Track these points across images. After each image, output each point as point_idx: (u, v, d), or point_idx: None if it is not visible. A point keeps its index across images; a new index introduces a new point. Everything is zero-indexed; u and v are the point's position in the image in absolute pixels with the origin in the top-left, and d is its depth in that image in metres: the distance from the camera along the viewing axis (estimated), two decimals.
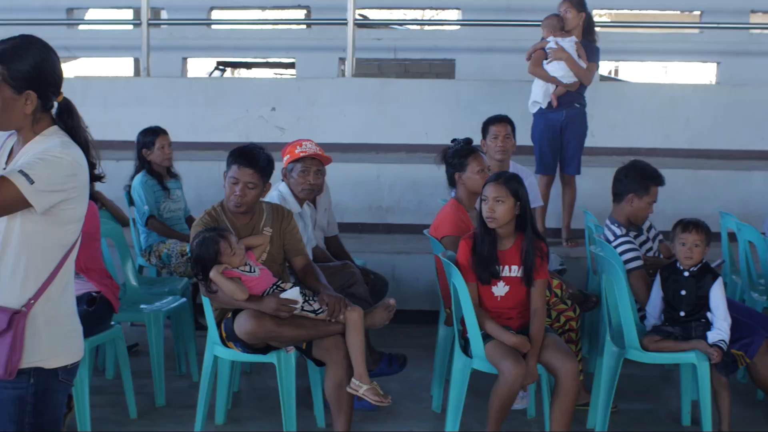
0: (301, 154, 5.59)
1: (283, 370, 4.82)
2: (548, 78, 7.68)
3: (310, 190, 5.63)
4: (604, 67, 16.97)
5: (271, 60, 17.32)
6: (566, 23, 7.77)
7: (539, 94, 7.76)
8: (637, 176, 5.53)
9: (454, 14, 15.57)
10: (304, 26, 14.35)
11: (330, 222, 6.18)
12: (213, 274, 4.62)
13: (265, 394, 5.75)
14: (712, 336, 4.93)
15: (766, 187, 8.32)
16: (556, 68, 7.69)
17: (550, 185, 7.81)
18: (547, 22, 7.76)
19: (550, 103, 7.71)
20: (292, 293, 4.68)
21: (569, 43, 7.69)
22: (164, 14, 14.34)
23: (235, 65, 18.63)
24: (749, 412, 5.53)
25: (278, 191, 5.62)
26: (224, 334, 4.86)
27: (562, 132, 7.76)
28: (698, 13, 13.82)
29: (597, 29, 7.84)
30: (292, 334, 4.70)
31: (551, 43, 7.69)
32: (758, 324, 5.20)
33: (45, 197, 2.82)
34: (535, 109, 7.80)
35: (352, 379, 4.68)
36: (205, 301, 4.86)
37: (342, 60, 12.68)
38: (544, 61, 7.70)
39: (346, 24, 9.83)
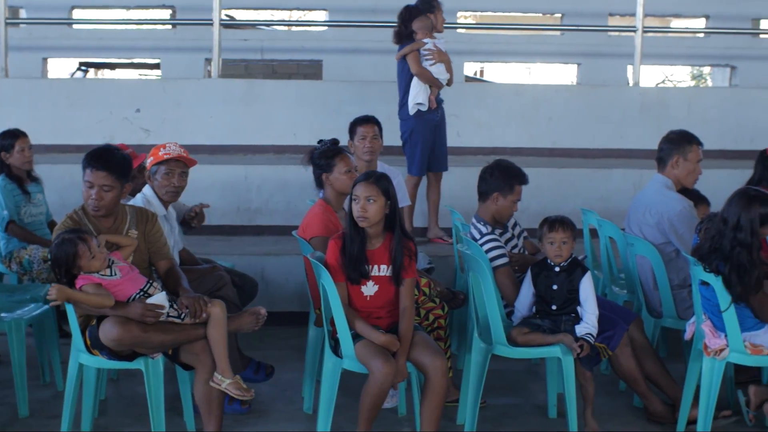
0: (165, 156, 5.51)
1: (150, 376, 4.73)
2: (431, 79, 7.72)
3: (174, 193, 5.55)
4: (470, 69, 17.25)
5: (135, 61, 17.02)
6: (436, 24, 7.85)
7: (422, 95, 7.72)
8: (502, 175, 5.63)
9: (321, 15, 15.58)
10: (170, 26, 14.14)
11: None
12: (69, 295, 4.51)
13: (133, 401, 5.63)
14: (580, 329, 5.06)
15: (625, 184, 8.57)
16: (440, 70, 7.76)
17: (419, 185, 7.88)
18: (424, 23, 7.74)
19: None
20: (159, 298, 4.60)
21: (443, 44, 7.78)
22: (23, 13, 13.94)
23: (99, 66, 18.26)
24: (612, 402, 5.70)
25: (143, 194, 5.53)
26: (89, 342, 4.74)
27: (435, 131, 7.83)
28: (559, 15, 14.18)
29: (462, 31, 7.92)
30: (159, 340, 4.63)
31: (429, 44, 7.73)
32: (619, 317, 5.37)
33: None
34: (415, 111, 7.79)
35: (215, 374, 4.64)
36: (69, 308, 4.73)
37: (208, 61, 12.56)
38: (427, 63, 7.73)
39: (212, 24, 9.72)
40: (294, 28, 15.52)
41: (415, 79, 7.71)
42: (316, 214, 5.55)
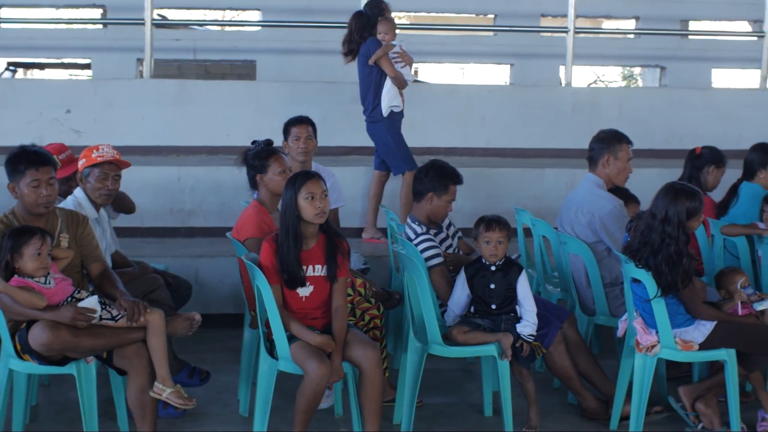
0: (99, 159, 5.44)
1: (83, 381, 4.67)
2: (403, 81, 7.75)
3: (107, 195, 5.49)
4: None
5: (65, 61, 16.79)
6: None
7: (397, 97, 7.75)
8: (436, 175, 5.66)
9: (254, 15, 15.50)
10: (100, 26, 13.95)
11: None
12: (2, 287, 4.44)
13: (66, 407, 5.55)
14: (522, 328, 5.12)
15: (558, 184, 8.65)
16: (407, 71, 7.82)
17: None
18: (389, 26, 7.74)
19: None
20: (90, 302, 4.54)
21: (406, 46, 7.82)
22: None
23: (28, 66, 17.98)
24: (546, 399, 5.74)
25: (74, 197, 5.46)
26: (19, 346, 4.66)
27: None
28: (492, 16, 14.28)
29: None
30: (91, 344, 4.57)
31: (397, 47, 7.75)
32: (553, 315, 5.42)
33: None
34: (388, 112, 7.76)
35: (155, 383, 4.60)
36: None
37: (140, 61, 12.42)
38: (398, 66, 7.74)
39: (143, 24, 9.61)
40: (227, 28, 15.39)
41: (389, 82, 7.72)
42: (250, 215, 5.52)
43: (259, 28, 13.76)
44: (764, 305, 5.21)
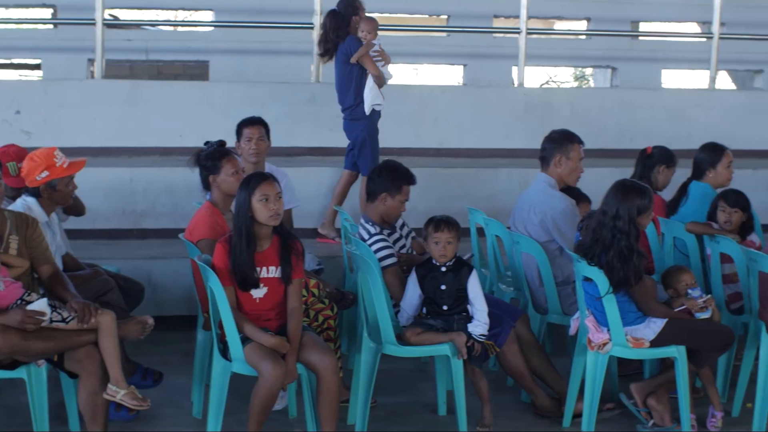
0: (65, 165, 5.40)
1: (33, 385, 4.62)
2: (382, 81, 7.77)
3: (72, 198, 5.52)
4: None
5: (15, 61, 16.59)
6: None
7: (379, 96, 7.78)
8: (390, 176, 5.68)
9: (207, 15, 15.42)
10: (51, 26, 13.81)
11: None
12: None
13: (17, 411, 5.48)
14: (474, 328, 5.14)
15: (511, 183, 8.69)
16: (387, 70, 7.86)
17: None
18: (371, 25, 7.78)
19: None
20: (39, 305, 4.49)
21: (383, 46, 7.85)
22: None
23: None
24: (500, 397, 5.77)
25: (23, 200, 5.38)
26: None
27: None
28: (445, 17, 14.32)
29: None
30: (41, 347, 4.52)
31: (377, 45, 7.76)
32: (506, 314, 5.47)
33: None
34: (370, 111, 7.79)
35: (109, 385, 4.55)
36: None
37: (91, 61, 12.31)
38: (379, 64, 7.74)
39: (94, 24, 9.52)
40: (180, 29, 15.33)
41: (370, 80, 7.74)
42: (203, 216, 5.50)
43: (212, 28, 13.70)
44: (706, 315, 5.29)
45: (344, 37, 7.76)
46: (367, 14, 8.00)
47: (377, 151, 7.89)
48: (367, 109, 7.78)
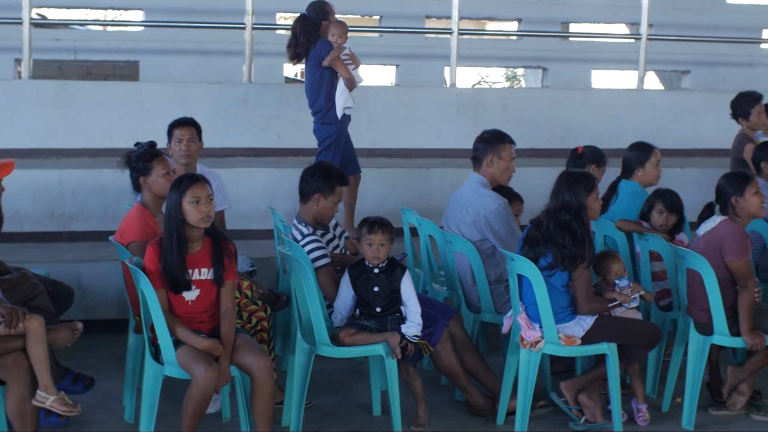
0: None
1: None
2: (353, 84, 7.75)
3: None
4: (290, 70, 17.25)
5: None
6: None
7: (351, 99, 7.78)
8: (322, 176, 5.67)
9: (137, 15, 15.24)
10: None
11: None
12: None
13: None
14: (407, 329, 5.15)
15: (443, 183, 8.73)
16: (357, 73, 7.86)
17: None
18: (342, 29, 7.77)
19: None
20: None
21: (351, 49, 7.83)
22: None
23: None
24: (434, 396, 5.80)
25: None
26: None
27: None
28: (378, 17, 14.32)
29: (282, 32, 7.95)
30: None
31: (347, 49, 7.74)
32: (440, 313, 5.49)
33: None
34: (342, 114, 7.77)
35: (38, 391, 4.48)
36: None
37: (18, 61, 12.07)
38: (350, 68, 7.72)
39: (21, 23, 9.36)
40: (109, 28, 15.08)
41: (341, 84, 7.72)
42: (134, 218, 5.44)
43: (142, 28, 13.51)
44: (635, 303, 5.38)
45: (315, 41, 7.75)
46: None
47: (352, 151, 7.93)
48: (339, 113, 7.78)
